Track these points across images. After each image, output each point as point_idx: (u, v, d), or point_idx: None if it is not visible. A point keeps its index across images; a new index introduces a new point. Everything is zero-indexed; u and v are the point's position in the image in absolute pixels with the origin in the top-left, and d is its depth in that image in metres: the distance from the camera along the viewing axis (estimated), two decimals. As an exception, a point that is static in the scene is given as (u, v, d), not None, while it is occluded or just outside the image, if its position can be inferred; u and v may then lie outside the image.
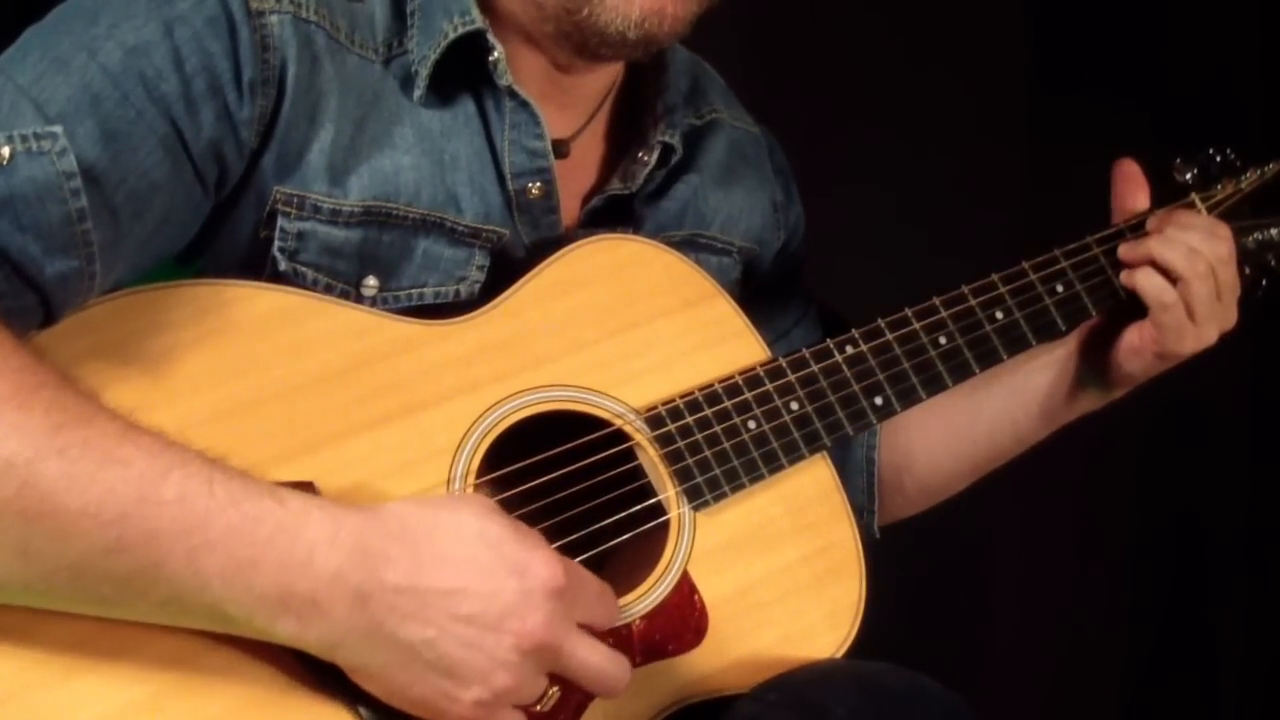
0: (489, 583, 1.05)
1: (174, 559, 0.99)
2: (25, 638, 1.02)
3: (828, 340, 1.35)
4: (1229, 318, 1.43)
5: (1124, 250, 1.43)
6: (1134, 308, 1.43)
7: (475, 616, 1.05)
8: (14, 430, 0.97)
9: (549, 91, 1.31)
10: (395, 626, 1.03)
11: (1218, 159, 1.56)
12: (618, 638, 1.19)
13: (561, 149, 1.33)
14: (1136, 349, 1.42)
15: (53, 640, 1.03)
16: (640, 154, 1.38)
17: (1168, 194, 1.53)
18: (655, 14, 1.23)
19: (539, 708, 1.11)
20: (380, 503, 1.08)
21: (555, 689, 1.11)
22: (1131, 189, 1.48)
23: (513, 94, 1.27)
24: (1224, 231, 1.43)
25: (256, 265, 1.21)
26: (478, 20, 1.24)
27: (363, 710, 1.08)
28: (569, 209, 1.35)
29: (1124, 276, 1.42)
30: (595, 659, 1.10)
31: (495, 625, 1.05)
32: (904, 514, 1.60)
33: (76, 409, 1.00)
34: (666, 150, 1.39)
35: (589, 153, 1.39)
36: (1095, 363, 1.46)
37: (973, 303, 1.40)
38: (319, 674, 1.08)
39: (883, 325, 1.36)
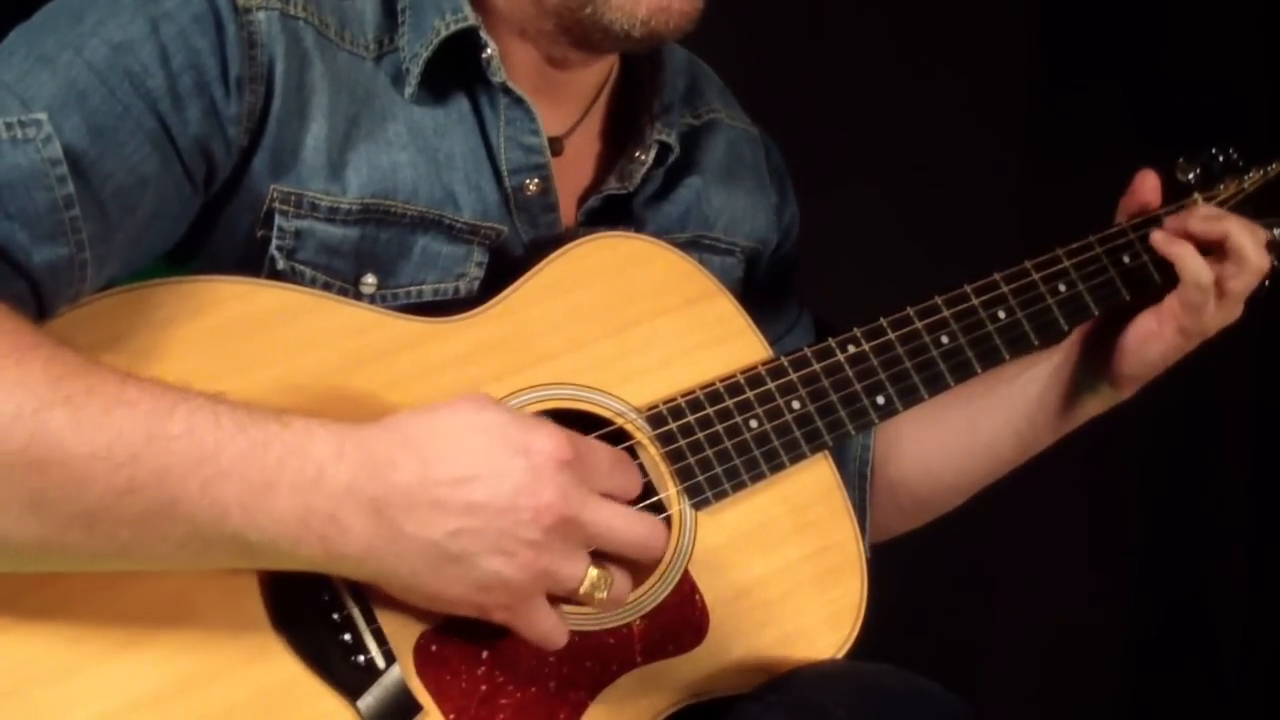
0: (495, 465, 1.06)
1: (189, 493, 1.00)
2: (26, 633, 1.02)
3: (829, 339, 1.34)
4: (1234, 313, 1.43)
5: (1159, 236, 1.41)
6: (1136, 306, 1.42)
7: (488, 501, 1.05)
8: (16, 384, 0.97)
9: (542, 87, 1.30)
10: (415, 528, 1.04)
11: (1220, 158, 1.55)
12: (617, 638, 1.18)
13: (556, 146, 1.32)
14: (1155, 332, 1.40)
15: (53, 636, 1.03)
16: (637, 153, 1.37)
17: (1171, 193, 1.52)
18: (661, 11, 1.23)
19: (599, 595, 1.09)
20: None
21: (599, 572, 1.09)
22: (1146, 196, 1.47)
23: (507, 90, 1.26)
24: (1263, 237, 1.43)
25: (254, 265, 1.20)
26: (470, 17, 1.24)
27: (362, 706, 1.08)
28: (566, 208, 1.34)
29: (1164, 246, 1.40)
30: (620, 522, 1.10)
31: (510, 506, 1.05)
32: (899, 529, 1.58)
33: (74, 361, 1.01)
34: (663, 149, 1.38)
35: (584, 151, 1.38)
36: (1099, 363, 1.45)
37: (975, 302, 1.39)
38: (320, 671, 1.08)
39: (885, 324, 1.36)
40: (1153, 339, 1.40)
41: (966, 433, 1.50)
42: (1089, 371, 1.46)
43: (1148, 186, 1.47)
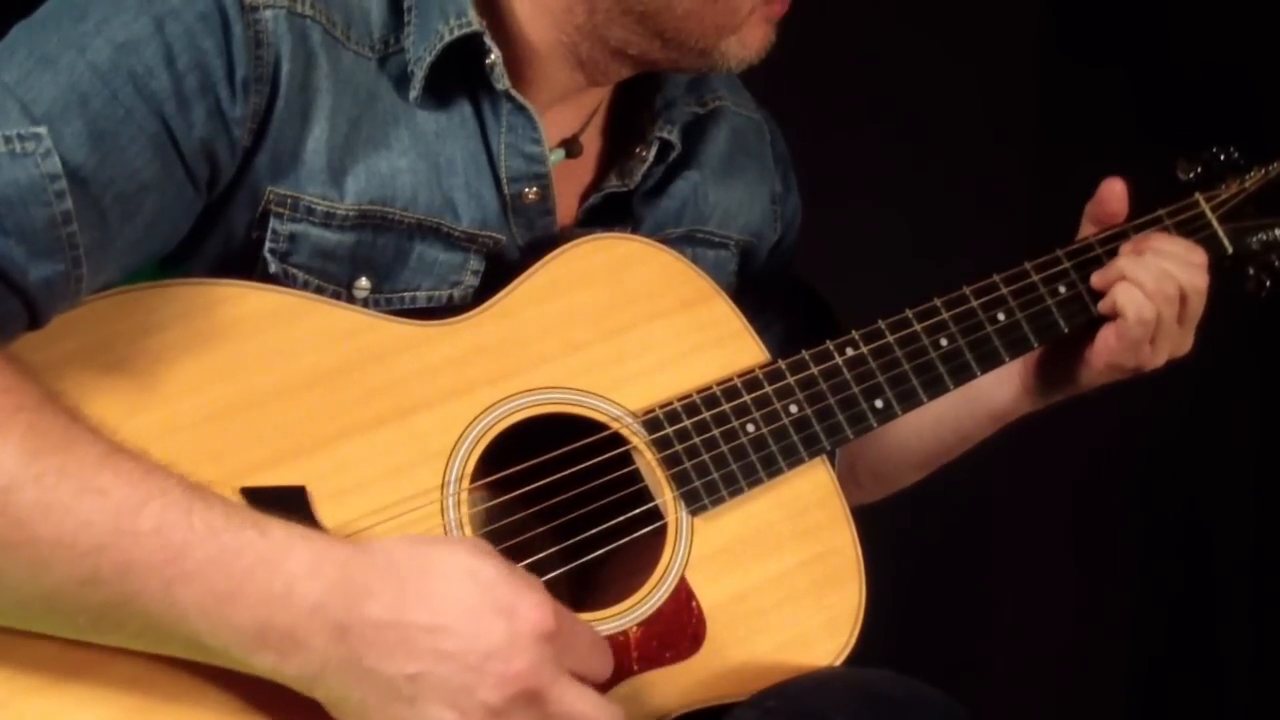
0: (475, 623, 1.02)
1: (150, 591, 0.98)
2: (7, 651, 1.01)
3: (827, 341, 1.33)
4: (1183, 344, 1.42)
5: (1096, 277, 1.41)
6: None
7: (456, 654, 1.01)
8: None
9: (562, 93, 1.29)
10: (375, 661, 1.01)
11: (1222, 157, 1.55)
12: (614, 645, 1.17)
13: (574, 147, 1.32)
14: (1086, 359, 1.41)
15: (36, 653, 1.01)
16: (638, 150, 1.36)
17: (1172, 192, 1.51)
18: (763, 50, 1.27)
19: None
20: (371, 537, 1.07)
21: None
22: (1114, 206, 1.45)
23: (510, 97, 1.25)
24: (1200, 258, 1.41)
25: (245, 266, 1.19)
26: (474, 22, 1.22)
27: None
28: (567, 207, 1.33)
29: (1103, 303, 1.40)
30: (584, 707, 1.05)
31: (478, 665, 1.01)
32: (858, 502, 1.56)
33: (55, 434, 0.98)
34: (665, 146, 1.37)
35: (588, 149, 1.36)
36: (1040, 367, 1.46)
37: (974, 304, 1.38)
38: (302, 698, 1.05)
39: (883, 326, 1.35)
40: (1083, 365, 1.41)
41: (916, 419, 1.45)
42: (1030, 372, 1.46)
43: (1115, 195, 1.45)
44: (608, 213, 1.35)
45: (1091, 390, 1.46)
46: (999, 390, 1.46)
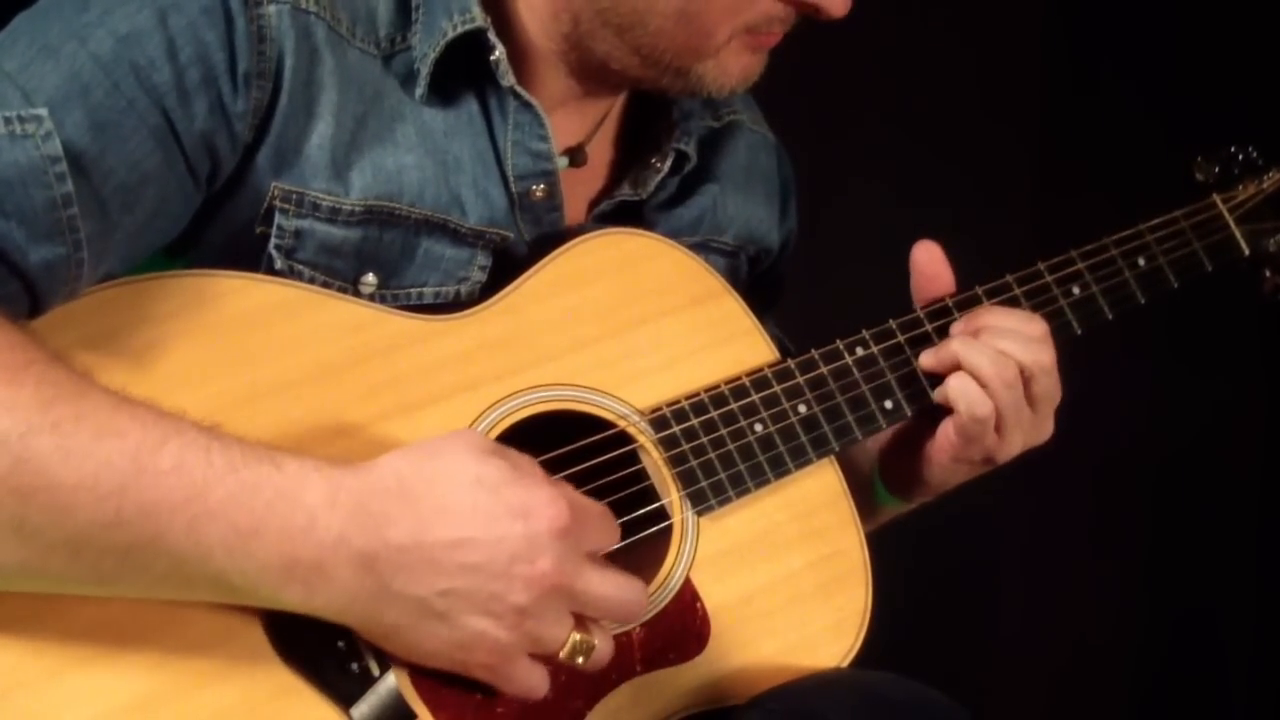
0: (493, 529, 1.04)
1: (174, 530, 0.98)
2: (17, 636, 1.01)
3: (837, 341, 1.32)
4: (1041, 431, 1.33)
5: (928, 357, 1.31)
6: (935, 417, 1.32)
7: (483, 565, 1.03)
8: (5, 406, 0.96)
9: (566, 97, 1.29)
10: (403, 585, 1.03)
11: (1240, 157, 1.54)
12: (617, 645, 1.16)
13: (579, 156, 1.31)
14: (929, 457, 1.32)
15: (45, 638, 1.02)
16: (654, 160, 1.35)
17: (1188, 193, 1.50)
18: (747, 79, 1.26)
19: (579, 660, 1.08)
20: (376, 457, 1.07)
21: (582, 637, 1.08)
22: (933, 270, 1.35)
23: (515, 94, 1.24)
24: (1039, 330, 1.30)
25: (251, 260, 1.18)
26: (478, 19, 1.21)
27: (355, 714, 1.07)
28: (576, 213, 1.33)
29: (937, 392, 1.30)
30: (609, 589, 1.08)
31: (504, 571, 1.03)
32: None
33: (68, 384, 0.99)
34: (680, 158, 1.36)
35: (599, 157, 1.36)
36: (891, 463, 1.38)
37: (987, 305, 1.36)
38: (313, 678, 1.06)
39: (894, 326, 1.34)
40: (927, 463, 1.33)
41: None
42: (884, 474, 1.40)
43: (932, 259, 1.35)
44: (618, 220, 1.34)
45: (1001, 466, 1.34)
46: (858, 496, 1.33)
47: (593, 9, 1.22)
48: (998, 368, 1.28)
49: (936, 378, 1.31)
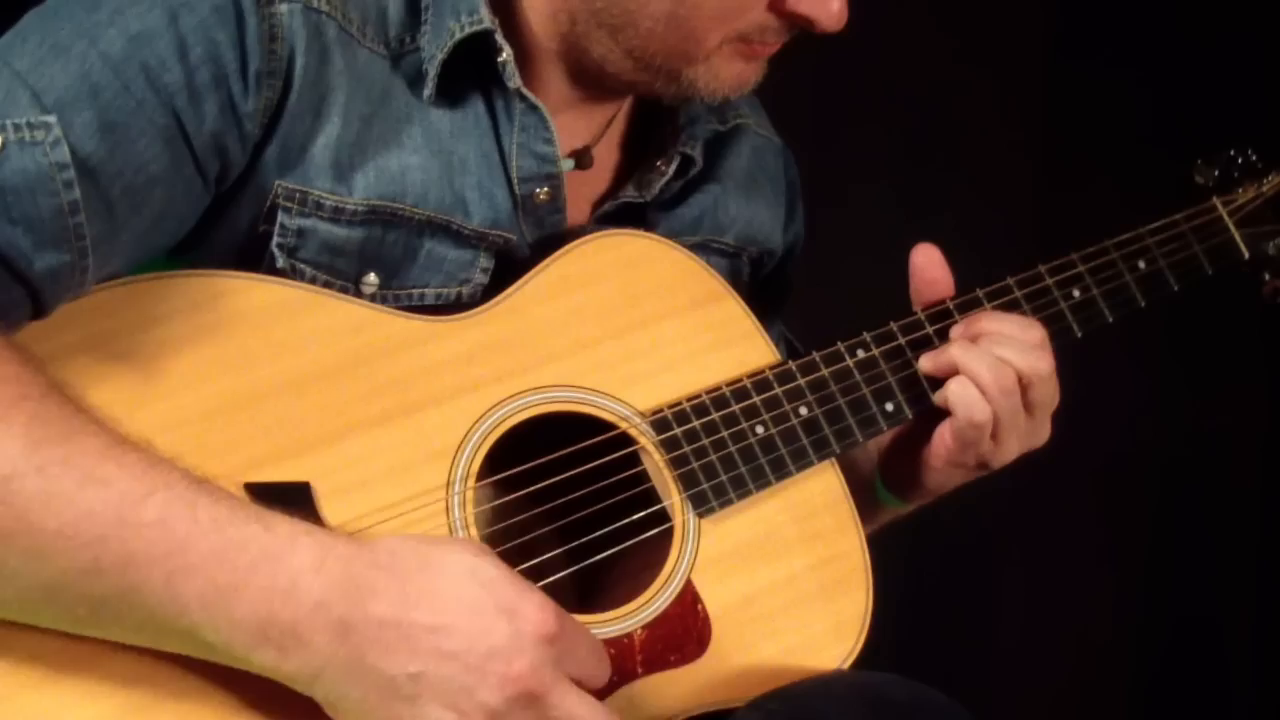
0: (477, 621, 1.01)
1: (151, 583, 0.97)
2: (15, 637, 1.00)
3: (838, 343, 1.32)
4: (1038, 435, 1.33)
5: (926, 361, 1.31)
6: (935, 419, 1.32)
7: (458, 654, 1.01)
8: None
9: (571, 100, 1.28)
10: (377, 659, 1.00)
11: (1239, 160, 1.54)
12: (618, 648, 1.16)
13: (585, 159, 1.31)
14: (925, 460, 1.32)
15: (34, 647, 1.01)
16: (659, 163, 1.35)
17: (1188, 196, 1.50)
18: (741, 87, 1.26)
19: None
20: (374, 532, 1.06)
21: None
22: (931, 274, 1.35)
23: (522, 96, 1.24)
24: (1037, 336, 1.30)
25: (253, 259, 1.17)
26: (485, 20, 1.21)
27: None
28: (579, 213, 1.32)
29: (937, 396, 1.30)
30: (583, 713, 1.04)
31: (479, 665, 1.01)
32: None
33: (58, 424, 0.98)
34: (686, 161, 1.36)
35: (604, 159, 1.35)
36: (890, 466, 1.38)
37: (987, 307, 1.36)
38: (300, 695, 1.04)
39: (895, 328, 1.33)
40: (926, 468, 1.32)
41: None
42: (884, 477, 1.40)
43: (931, 263, 1.35)
44: (620, 220, 1.34)
45: (1000, 469, 1.33)
46: (859, 496, 1.34)
47: (587, 9, 1.21)
48: (996, 374, 1.27)
49: (936, 381, 1.32)
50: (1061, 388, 1.34)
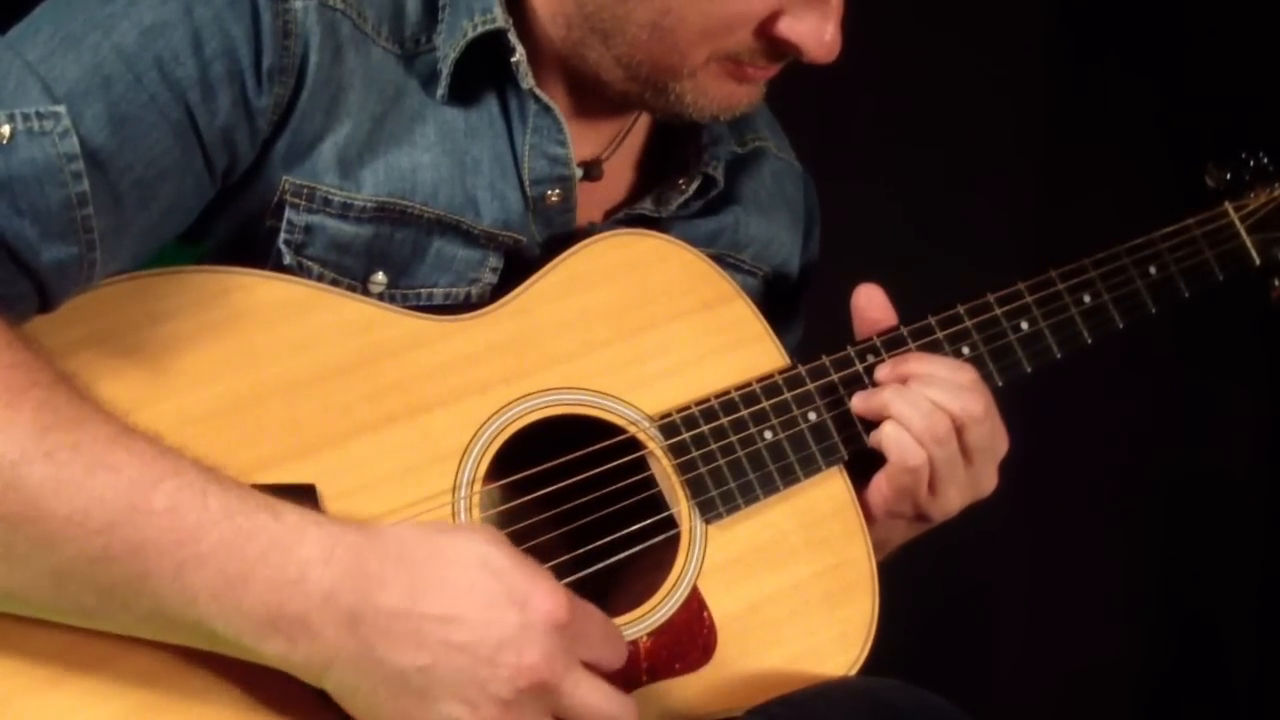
0: (487, 612, 1.00)
1: (161, 571, 0.96)
2: (6, 646, 0.99)
3: (848, 347, 1.31)
4: (981, 485, 1.29)
5: (859, 402, 1.28)
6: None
7: (468, 646, 1.00)
8: (0, 431, 0.94)
9: (577, 108, 1.27)
10: (386, 651, 0.99)
11: (1251, 163, 1.52)
12: (624, 655, 1.15)
13: (594, 170, 1.29)
14: (868, 512, 1.28)
15: (35, 649, 1.00)
16: (680, 181, 1.33)
17: (1200, 200, 1.49)
18: (730, 108, 1.24)
19: None
20: (382, 523, 1.05)
21: None
22: (873, 315, 1.33)
23: (535, 98, 1.22)
24: (968, 378, 1.27)
25: (260, 254, 1.16)
26: (499, 19, 1.19)
27: None
28: (591, 221, 1.31)
29: (872, 437, 1.27)
30: (597, 699, 1.04)
31: (490, 657, 1.00)
32: None
33: (67, 411, 0.97)
34: (707, 181, 1.35)
35: (619, 176, 1.34)
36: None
37: (998, 311, 1.36)
38: (309, 693, 1.04)
39: (905, 333, 1.32)
40: (869, 519, 1.28)
41: None
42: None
43: (873, 304, 1.32)
44: (632, 226, 1.32)
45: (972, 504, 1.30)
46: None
47: (581, 14, 1.20)
48: (929, 421, 1.24)
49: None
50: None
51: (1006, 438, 1.30)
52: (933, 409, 1.25)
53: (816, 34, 1.17)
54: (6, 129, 1.00)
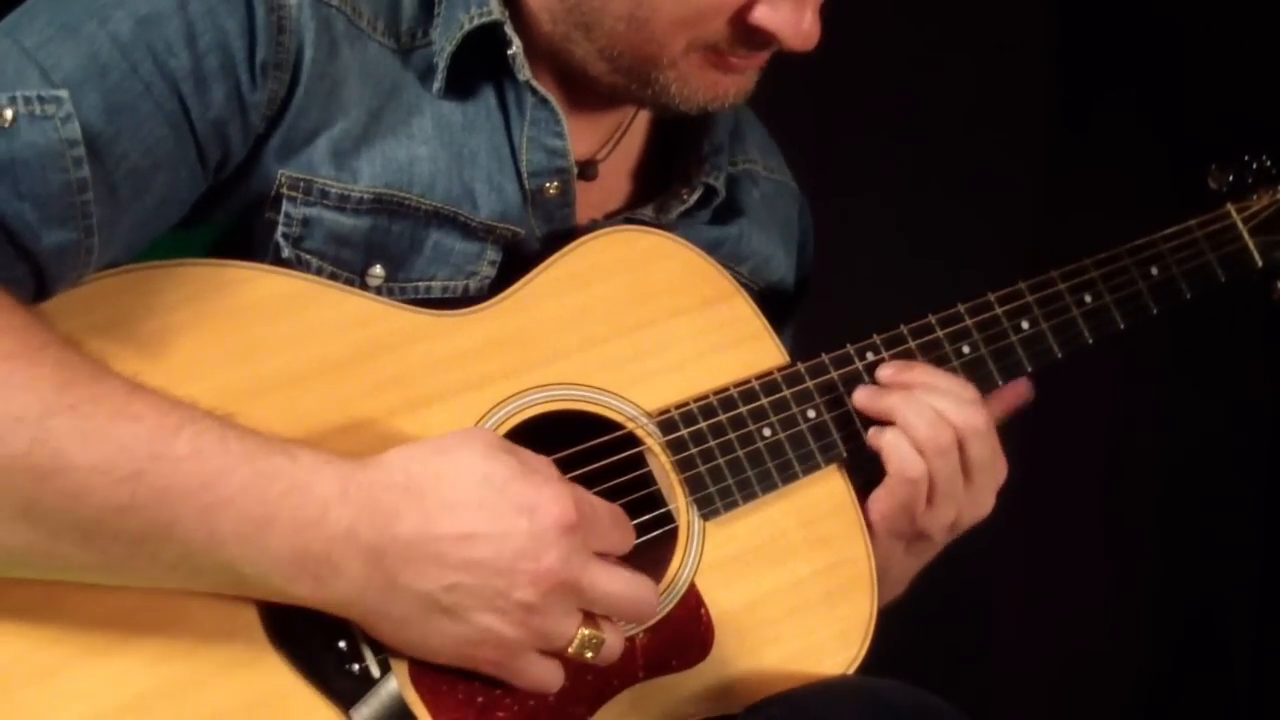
0: (498, 525, 1.04)
1: (187, 517, 0.98)
2: (10, 632, 1.00)
3: (848, 345, 1.31)
4: (979, 506, 1.29)
5: (862, 398, 1.27)
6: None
7: (487, 560, 1.03)
8: (22, 386, 0.95)
9: (571, 103, 1.26)
10: (411, 578, 1.03)
11: (1254, 165, 1.52)
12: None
13: (589, 170, 1.29)
14: (871, 523, 1.27)
15: (38, 636, 1.00)
16: (682, 191, 1.33)
17: (1202, 202, 1.49)
18: (718, 98, 1.23)
19: (588, 654, 1.08)
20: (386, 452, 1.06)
21: (590, 632, 1.07)
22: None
23: (532, 89, 1.22)
24: (971, 394, 1.27)
25: (259, 247, 1.16)
26: (495, 11, 1.19)
27: (356, 716, 1.05)
28: (592, 219, 1.31)
29: (871, 435, 1.26)
30: (618, 586, 1.08)
31: (509, 567, 1.03)
32: None
33: (84, 367, 0.98)
34: (709, 192, 1.34)
35: (617, 180, 1.34)
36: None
37: (998, 311, 1.36)
38: (313, 679, 1.05)
39: (905, 332, 1.32)
40: (873, 537, 1.27)
41: None
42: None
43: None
44: None
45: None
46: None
47: (563, 7, 1.20)
48: (933, 432, 1.24)
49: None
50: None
51: (1005, 464, 1.30)
52: (937, 418, 1.25)
53: (793, 22, 1.16)
54: (9, 112, 1.00)
